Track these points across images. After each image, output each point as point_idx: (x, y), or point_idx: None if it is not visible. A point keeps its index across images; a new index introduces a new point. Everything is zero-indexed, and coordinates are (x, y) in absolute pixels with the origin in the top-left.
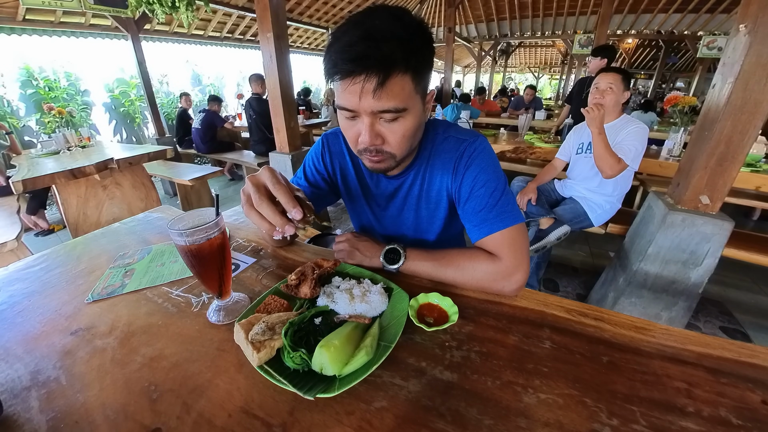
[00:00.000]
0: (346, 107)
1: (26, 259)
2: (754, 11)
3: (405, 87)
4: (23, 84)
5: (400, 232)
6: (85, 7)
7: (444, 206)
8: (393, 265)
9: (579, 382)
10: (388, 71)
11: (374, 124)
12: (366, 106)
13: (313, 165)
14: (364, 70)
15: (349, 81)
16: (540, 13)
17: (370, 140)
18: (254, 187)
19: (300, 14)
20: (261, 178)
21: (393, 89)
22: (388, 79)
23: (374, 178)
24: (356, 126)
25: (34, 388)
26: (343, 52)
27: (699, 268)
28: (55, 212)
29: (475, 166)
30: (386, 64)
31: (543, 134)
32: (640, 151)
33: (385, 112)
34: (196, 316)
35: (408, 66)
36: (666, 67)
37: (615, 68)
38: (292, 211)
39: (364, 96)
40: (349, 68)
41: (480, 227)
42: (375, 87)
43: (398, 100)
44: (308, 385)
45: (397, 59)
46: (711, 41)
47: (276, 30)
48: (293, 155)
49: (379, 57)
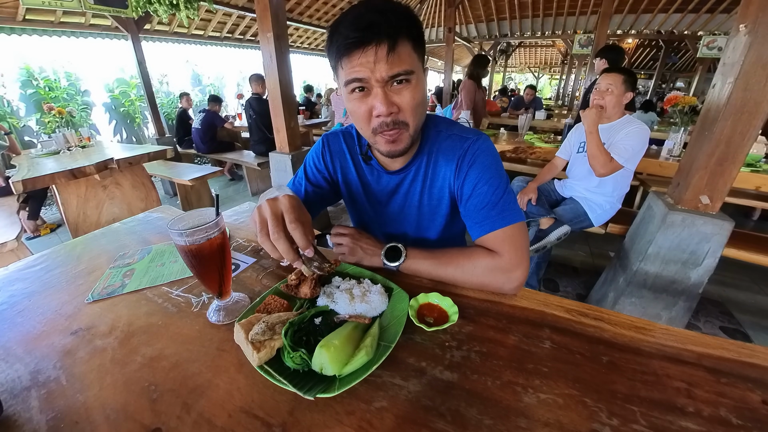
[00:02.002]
0: (359, 77)
1: (26, 259)
2: (754, 11)
3: (411, 54)
4: (23, 84)
5: (401, 230)
6: (85, 7)
7: (446, 203)
8: (393, 263)
9: (579, 382)
10: (396, 37)
11: (387, 93)
12: (380, 72)
13: (313, 164)
14: (375, 37)
15: (361, 51)
16: (540, 13)
17: (387, 108)
18: (273, 217)
19: (300, 14)
20: (280, 207)
21: (402, 54)
22: (396, 45)
23: (375, 175)
24: (368, 101)
25: (34, 388)
26: (353, 24)
27: (699, 268)
28: (55, 212)
29: (478, 164)
30: (394, 30)
31: (543, 134)
32: (638, 151)
33: (397, 76)
34: (196, 316)
35: (410, 34)
36: (666, 67)
37: (617, 68)
38: (305, 250)
39: (378, 63)
40: (361, 36)
41: (481, 225)
42: (387, 52)
43: (407, 63)
44: (308, 385)
45: (402, 27)
46: (711, 41)
47: (276, 30)
48: (293, 155)
49: (388, 25)
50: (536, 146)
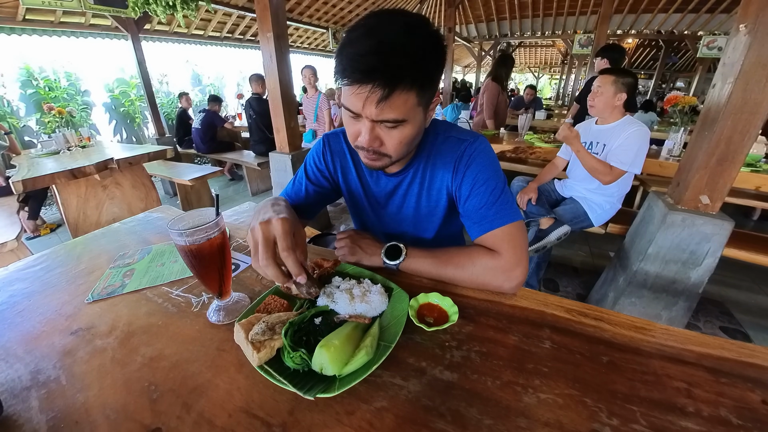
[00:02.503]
0: (350, 109)
1: (26, 259)
2: (754, 11)
3: (408, 101)
4: (23, 84)
5: (400, 230)
6: (85, 7)
7: (443, 204)
8: (394, 261)
9: (579, 382)
10: (393, 87)
11: (374, 128)
12: (368, 113)
13: (314, 164)
14: (371, 82)
15: (355, 88)
16: (540, 13)
17: (368, 142)
18: (264, 243)
19: (300, 14)
20: (273, 232)
21: (395, 103)
22: (392, 94)
23: (374, 176)
24: (357, 125)
25: (34, 388)
26: (354, 61)
27: (699, 268)
28: (55, 212)
29: (475, 165)
30: (392, 79)
31: (543, 134)
32: (639, 154)
33: (386, 121)
34: (196, 316)
35: (414, 82)
36: (666, 67)
37: (609, 69)
38: (297, 277)
39: (367, 104)
40: (357, 77)
41: (480, 224)
42: (379, 99)
43: (399, 112)
44: (308, 385)
45: (404, 76)
46: (711, 41)
47: (276, 30)
48: (293, 155)
49: (387, 72)
50: (536, 146)
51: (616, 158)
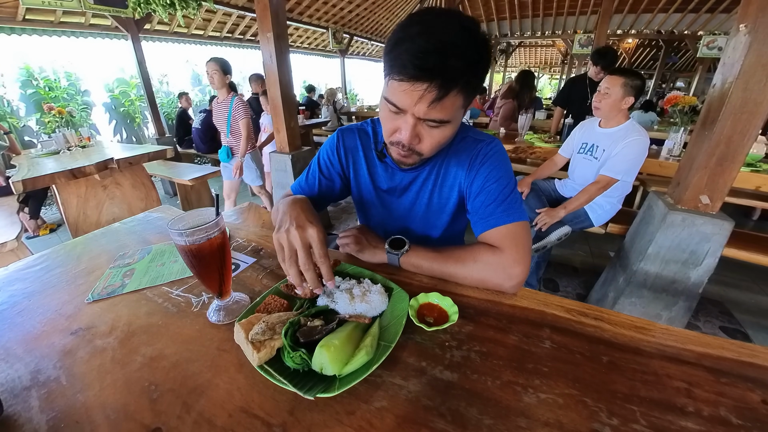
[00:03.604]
0: (396, 105)
1: (26, 259)
2: (754, 11)
3: (456, 103)
4: (23, 84)
5: (408, 225)
6: (85, 7)
7: (453, 201)
8: (397, 250)
9: (579, 381)
10: (449, 88)
11: (416, 125)
12: (418, 111)
13: (327, 158)
14: (430, 81)
15: (410, 85)
16: (540, 12)
17: (408, 139)
18: (303, 249)
19: (300, 14)
20: (309, 239)
21: (446, 103)
22: (446, 96)
23: (389, 171)
24: (397, 121)
25: (34, 387)
26: (415, 58)
27: (699, 267)
28: (55, 212)
29: (489, 164)
30: (450, 81)
31: (543, 134)
32: (636, 164)
33: (431, 120)
34: (196, 316)
35: (466, 85)
36: (666, 66)
37: (620, 70)
38: (328, 282)
39: (420, 102)
40: (417, 74)
41: (486, 220)
42: (433, 99)
43: (446, 113)
44: (308, 385)
45: (459, 78)
46: (711, 41)
47: (276, 30)
48: (293, 155)
49: (446, 73)
50: (536, 146)
51: (611, 168)
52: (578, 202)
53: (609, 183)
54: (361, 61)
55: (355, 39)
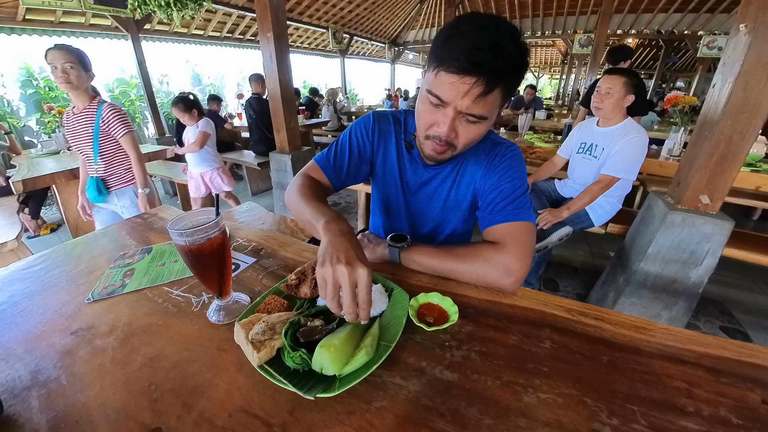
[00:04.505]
0: (440, 97)
1: (26, 259)
2: (754, 11)
3: (496, 101)
4: (23, 84)
5: (424, 219)
6: (85, 7)
7: (468, 200)
8: (399, 244)
9: (579, 381)
10: (495, 85)
11: (456, 119)
12: (462, 105)
13: (361, 135)
14: (479, 76)
15: (459, 78)
16: (540, 12)
17: (447, 133)
18: (349, 288)
19: (300, 14)
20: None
21: (488, 99)
22: (491, 92)
23: (413, 164)
24: (436, 115)
25: (34, 387)
26: (469, 53)
27: (699, 267)
28: (55, 212)
29: (505, 165)
30: (497, 78)
31: (543, 134)
32: (636, 161)
33: (472, 115)
34: (196, 316)
35: (507, 86)
36: (666, 66)
37: (618, 69)
38: (364, 321)
39: (466, 96)
40: (468, 68)
41: (494, 215)
42: (479, 94)
43: (486, 109)
44: (308, 385)
45: (505, 78)
46: (711, 41)
47: (276, 30)
48: (293, 155)
49: (495, 71)
50: (536, 146)
51: (611, 167)
52: (581, 203)
53: (611, 182)
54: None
55: (355, 39)
